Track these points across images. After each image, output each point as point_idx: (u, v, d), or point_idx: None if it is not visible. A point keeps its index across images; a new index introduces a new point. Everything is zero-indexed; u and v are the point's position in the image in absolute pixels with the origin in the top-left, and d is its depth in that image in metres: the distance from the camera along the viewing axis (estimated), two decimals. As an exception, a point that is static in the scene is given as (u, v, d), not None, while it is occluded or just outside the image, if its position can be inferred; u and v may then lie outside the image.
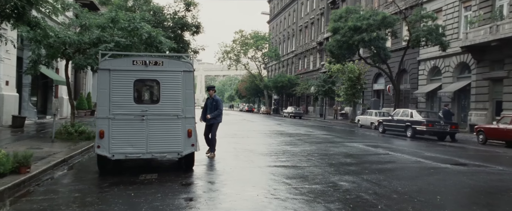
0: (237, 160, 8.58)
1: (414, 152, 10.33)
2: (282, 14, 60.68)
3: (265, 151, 10.21)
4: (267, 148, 10.95)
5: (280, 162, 8.45)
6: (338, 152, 10.09)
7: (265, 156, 9.26)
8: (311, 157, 9.14)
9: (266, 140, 13.44)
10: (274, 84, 47.65)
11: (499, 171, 7.64)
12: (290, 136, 14.92)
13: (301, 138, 14.45)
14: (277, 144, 12.07)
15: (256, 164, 8.21)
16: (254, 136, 15.16)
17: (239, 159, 8.83)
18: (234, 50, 57.49)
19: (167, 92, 6.90)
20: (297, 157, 9.05)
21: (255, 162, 8.36)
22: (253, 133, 16.59)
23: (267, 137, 14.68)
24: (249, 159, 8.76)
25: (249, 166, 7.92)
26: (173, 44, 13.96)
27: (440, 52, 25.09)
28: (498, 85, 21.51)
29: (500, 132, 14.96)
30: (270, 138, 14.49)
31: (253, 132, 17.53)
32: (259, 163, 8.36)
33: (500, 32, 19.62)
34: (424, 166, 7.95)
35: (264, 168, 7.70)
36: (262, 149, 10.48)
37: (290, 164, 8.12)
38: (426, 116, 17.09)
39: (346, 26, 23.16)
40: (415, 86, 28.54)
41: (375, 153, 10.01)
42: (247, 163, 8.23)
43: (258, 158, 8.93)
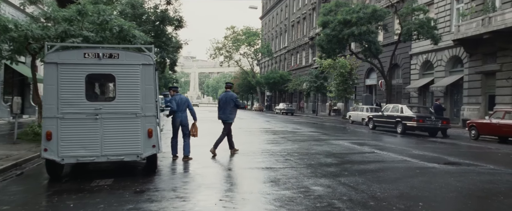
0: (211, 161, 7.93)
1: (402, 150, 9.73)
2: (274, 10, 59.93)
3: (244, 150, 9.56)
4: (248, 147, 10.30)
5: (256, 163, 7.81)
6: (320, 151, 9.47)
7: (243, 156, 8.61)
8: (290, 157, 8.50)
9: (249, 139, 12.80)
10: (266, 81, 47.01)
11: (490, 170, 7.04)
12: (275, 134, 14.29)
13: (286, 135, 13.82)
14: (259, 143, 11.43)
15: (229, 165, 7.57)
16: (238, 134, 14.46)
17: (215, 159, 8.18)
18: (226, 46, 56.73)
19: (124, 88, 6.21)
20: (275, 157, 8.41)
21: (230, 163, 7.72)
22: (238, 131, 15.91)
23: (251, 135, 14.04)
24: (225, 160, 8.11)
25: (221, 168, 7.28)
26: (149, 38, 13.24)
27: (432, 46, 24.56)
28: (490, 79, 21.01)
29: (493, 127, 14.42)
30: (254, 136, 13.85)
31: (239, 130, 16.84)
32: (234, 164, 7.73)
33: (492, 24, 19.07)
34: (410, 166, 7.33)
35: (237, 170, 7.06)
36: (241, 148, 9.82)
37: (266, 165, 7.48)
38: (417, 111, 16.53)
39: (335, 20, 22.53)
40: (408, 81, 28.02)
41: (360, 151, 9.39)
42: (221, 165, 7.59)
43: (235, 159, 8.29)
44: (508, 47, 19.41)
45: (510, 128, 13.60)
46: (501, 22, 18.54)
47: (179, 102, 8.16)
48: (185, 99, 8.28)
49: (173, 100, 8.17)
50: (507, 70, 19.53)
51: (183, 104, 8.16)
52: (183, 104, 8.17)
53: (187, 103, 8.23)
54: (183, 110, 8.16)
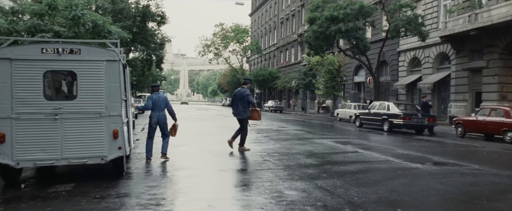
0: (187, 162, 7.55)
1: (386, 149, 9.45)
2: (263, 7, 59.49)
3: (223, 150, 9.19)
4: (228, 147, 9.92)
5: (233, 164, 7.44)
6: (302, 150, 9.13)
7: (220, 156, 8.24)
8: (269, 157, 8.15)
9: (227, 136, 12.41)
10: (255, 78, 46.59)
11: (474, 170, 6.77)
12: (259, 133, 13.93)
13: (270, 134, 13.48)
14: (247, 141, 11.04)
15: (205, 167, 7.19)
16: (221, 133, 14.10)
17: (191, 160, 7.81)
18: (215, 43, 56.11)
19: (86, 86, 5.77)
20: (253, 158, 8.05)
21: (205, 165, 7.35)
22: (222, 130, 15.55)
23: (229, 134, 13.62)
24: (201, 161, 7.73)
25: (194, 170, 6.88)
26: (128, 34, 12.76)
27: (420, 43, 24.44)
28: (477, 76, 20.93)
29: (479, 124, 14.27)
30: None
31: (223, 128, 16.49)
32: (210, 165, 7.35)
33: (479, 20, 18.96)
34: (392, 166, 7.03)
35: (210, 172, 6.68)
36: (221, 148, 9.44)
37: (242, 166, 7.12)
38: (403, 109, 16.33)
39: (322, 16, 22.20)
40: (396, 78, 27.90)
41: (343, 151, 9.08)
42: (196, 166, 7.21)
43: (211, 160, 7.92)
44: (494, 44, 19.33)
45: (496, 125, 13.46)
46: (487, 19, 18.42)
47: (156, 101, 7.83)
48: (163, 98, 7.92)
49: (150, 99, 7.90)
50: (493, 67, 19.45)
51: (160, 103, 7.83)
52: (161, 103, 7.83)
53: (165, 102, 7.90)
54: (160, 109, 7.83)
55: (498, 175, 6.37)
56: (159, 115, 7.83)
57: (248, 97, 8.94)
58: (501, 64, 19.21)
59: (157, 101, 7.82)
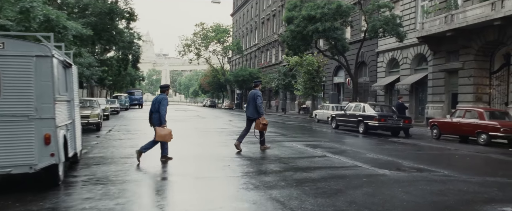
0: (143, 167, 6.89)
1: (356, 153, 9.00)
2: (245, 7, 58.95)
3: (184, 154, 8.59)
4: (191, 150, 9.33)
5: (190, 170, 6.85)
6: (268, 155, 8.60)
7: (179, 160, 7.61)
8: (231, 162, 7.59)
9: (200, 140, 11.82)
10: (235, 79, 46.01)
11: (443, 177, 6.37)
12: (230, 135, 13.36)
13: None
14: (207, 145, 10.47)
15: (156, 173, 6.56)
16: (191, 135, 13.48)
17: (143, 164, 7.14)
18: (195, 43, 55.26)
19: (11, 84, 5.07)
20: (215, 163, 7.48)
21: (154, 171, 6.71)
22: (193, 131, 14.92)
23: (204, 137, 13.04)
24: (152, 166, 7.08)
25: (145, 176, 6.26)
26: (88, 31, 11.97)
27: (398, 43, 24.35)
28: (453, 77, 20.91)
29: (453, 126, 14.07)
30: (206, 137, 12.86)
31: (194, 130, 15.85)
32: (164, 171, 6.73)
33: (454, 21, 18.89)
34: (358, 173, 6.56)
35: (160, 180, 6.07)
36: (183, 151, 8.84)
37: (198, 174, 6.53)
38: (379, 110, 16.03)
39: (300, 16, 21.80)
40: (375, 79, 27.79)
41: (310, 155, 8.59)
42: (147, 172, 6.58)
43: (169, 165, 7.29)
44: (469, 45, 19.30)
45: (470, 127, 13.27)
46: (462, 20, 18.36)
47: (153, 102, 7.84)
48: (158, 100, 7.73)
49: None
50: (469, 68, 19.42)
51: (155, 105, 7.75)
52: (155, 104, 7.74)
53: (158, 104, 7.66)
54: (155, 110, 7.72)
55: (467, 182, 5.98)
56: (154, 117, 7.73)
57: (257, 99, 9.09)
58: (476, 65, 19.20)
59: (154, 102, 7.80)
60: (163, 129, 7.48)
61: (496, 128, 12.38)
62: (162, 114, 7.55)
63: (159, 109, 7.58)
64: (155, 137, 7.49)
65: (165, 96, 7.81)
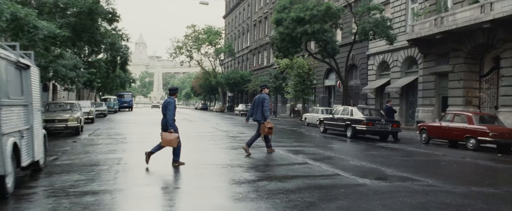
0: (111, 176, 6.42)
1: (339, 160, 8.61)
2: (237, 9, 58.61)
3: (159, 161, 8.12)
4: (167, 157, 8.85)
5: (156, 180, 6.40)
6: (246, 162, 8.18)
7: (149, 169, 7.15)
8: (204, 170, 7.15)
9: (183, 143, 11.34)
10: (226, 81, 45.57)
11: (426, 187, 5.98)
12: (212, 140, 12.93)
13: (223, 141, 12.47)
14: (185, 151, 9.98)
15: (115, 184, 6.07)
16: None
17: (115, 173, 6.66)
18: (186, 45, 54.78)
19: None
20: (188, 171, 7.05)
21: (118, 181, 6.23)
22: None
23: (183, 142, 12.53)
24: (125, 175, 6.61)
25: (105, 185, 5.79)
26: (62, 31, 11.47)
27: (388, 46, 24.10)
28: (444, 80, 20.67)
29: (443, 130, 13.76)
30: (186, 142, 12.34)
31: (186, 134, 15.26)
32: (129, 180, 6.26)
33: (444, 24, 18.65)
34: (337, 183, 6.16)
35: (115, 190, 5.60)
36: (160, 158, 8.37)
37: (164, 183, 6.08)
38: (368, 114, 15.68)
39: (289, 18, 21.45)
40: (365, 81, 27.52)
41: (291, 162, 8.18)
42: (111, 181, 6.10)
43: (137, 174, 6.84)
44: (459, 48, 19.07)
45: (460, 131, 12.95)
46: (452, 23, 18.13)
47: (162, 106, 7.70)
48: (165, 103, 7.61)
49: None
50: (459, 72, 19.19)
51: (163, 108, 7.64)
52: (163, 108, 7.63)
53: (165, 108, 7.54)
54: (164, 113, 7.60)
55: (451, 193, 5.60)
56: (162, 121, 7.63)
57: (263, 103, 9.22)
58: (466, 68, 18.98)
59: (162, 107, 7.68)
60: (170, 134, 7.32)
61: (485, 133, 12.08)
62: (169, 119, 7.38)
63: (165, 113, 7.46)
64: (161, 142, 7.37)
65: (172, 100, 7.62)
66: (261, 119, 9.24)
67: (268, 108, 9.35)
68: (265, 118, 9.20)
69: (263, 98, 9.29)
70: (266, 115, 9.21)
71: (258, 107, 9.33)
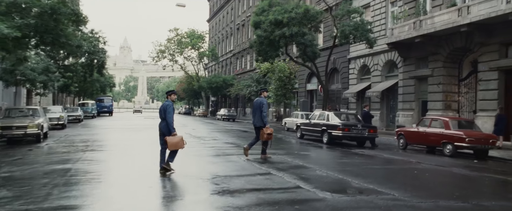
0: (29, 193, 5.70)
1: (305, 170, 8.05)
2: (220, 13, 58.06)
3: (111, 171, 7.44)
4: (117, 165, 8.19)
5: (99, 194, 5.72)
6: (204, 173, 7.55)
7: (95, 182, 6.46)
8: (157, 184, 6.52)
9: (141, 152, 10.66)
10: (208, 85, 44.85)
11: (391, 201, 5.46)
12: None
13: (189, 149, 11.78)
14: (141, 160, 9.33)
15: (32, 205, 5.37)
16: (137, 146, 12.29)
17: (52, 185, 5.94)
18: (169, 49, 53.90)
19: None
20: (138, 184, 6.39)
21: (33, 202, 5.52)
22: (142, 143, 13.71)
23: (149, 147, 11.83)
24: (42, 194, 5.88)
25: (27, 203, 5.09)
26: (13, 31, 10.68)
27: (369, 50, 23.84)
28: (423, 84, 20.45)
29: (420, 135, 13.37)
30: (153, 150, 11.68)
31: (145, 141, 14.57)
32: (42, 194, 5.56)
33: (423, 27, 18.44)
34: (293, 198, 5.57)
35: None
36: (110, 165, 7.69)
37: (92, 200, 5.40)
38: (345, 119, 15.23)
39: (267, 20, 20.96)
40: (347, 85, 27.21)
41: (252, 173, 7.59)
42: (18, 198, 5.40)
43: (58, 193, 6.10)
44: (438, 51, 18.87)
45: (437, 136, 12.58)
46: (431, 26, 17.91)
47: (160, 109, 7.57)
48: (164, 106, 7.49)
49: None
50: (438, 75, 18.97)
51: (161, 112, 7.51)
52: (161, 112, 7.50)
53: (164, 112, 7.41)
54: (162, 118, 7.50)
55: (415, 208, 5.08)
56: (161, 125, 7.51)
57: (262, 107, 9.05)
58: (445, 72, 18.76)
59: (160, 110, 7.54)
60: (174, 137, 7.28)
61: (461, 138, 11.71)
62: (169, 122, 7.32)
63: (165, 117, 7.32)
64: (167, 146, 7.23)
65: (170, 103, 7.51)
66: (260, 124, 9.05)
67: (267, 113, 9.14)
68: (264, 123, 8.97)
69: (260, 103, 9.08)
70: (265, 120, 8.99)
71: (256, 111, 9.13)
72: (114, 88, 68.27)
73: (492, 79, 16.04)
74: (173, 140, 7.21)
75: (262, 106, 9.02)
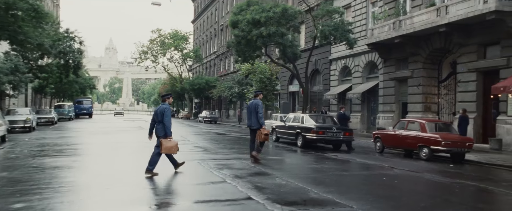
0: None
1: (266, 177, 7.41)
2: (205, 14, 57.29)
3: (26, 181, 6.68)
4: (80, 174, 7.43)
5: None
6: (150, 179, 6.85)
7: (40, 188, 5.71)
8: (81, 198, 5.79)
9: (103, 159, 9.90)
10: (191, 87, 43.99)
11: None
12: (142, 151, 11.50)
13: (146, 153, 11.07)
14: (106, 165, 8.57)
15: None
16: (90, 154, 11.51)
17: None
18: (152, 50, 52.86)
19: None
20: (76, 195, 5.64)
21: None
22: (108, 147, 12.92)
23: (112, 154, 11.09)
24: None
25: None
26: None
27: (350, 51, 23.45)
28: (403, 85, 20.08)
29: (397, 138, 12.88)
30: (114, 156, 10.93)
31: (113, 144, 13.80)
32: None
33: (402, 28, 18.05)
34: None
35: None
36: (60, 174, 6.94)
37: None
38: (321, 121, 14.68)
39: (244, 20, 20.36)
40: (328, 87, 26.76)
41: (206, 181, 6.91)
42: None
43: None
44: (418, 52, 18.51)
45: (413, 139, 12.09)
46: (410, 26, 17.53)
47: (156, 112, 7.50)
48: (161, 109, 7.39)
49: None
50: (417, 77, 18.61)
51: (157, 115, 7.39)
52: (158, 115, 7.38)
53: (162, 115, 7.33)
54: (158, 121, 7.40)
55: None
56: (157, 128, 7.44)
57: (257, 108, 9.19)
58: (425, 74, 18.41)
59: (156, 113, 7.45)
60: (169, 140, 7.25)
61: (437, 141, 11.25)
62: (167, 126, 7.27)
63: (163, 120, 7.26)
64: (161, 149, 7.17)
65: (167, 106, 7.49)
66: (256, 126, 9.21)
67: (262, 114, 9.33)
68: (260, 125, 9.14)
69: (256, 105, 9.27)
70: (261, 121, 9.18)
71: (251, 113, 9.33)
72: (96, 90, 66.74)
73: (470, 81, 15.71)
74: (168, 143, 7.21)
75: (258, 107, 9.20)
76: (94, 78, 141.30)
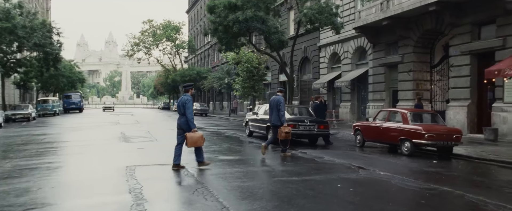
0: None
1: (227, 178, 6.04)
2: (198, 3, 55.59)
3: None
4: (49, 177, 6.13)
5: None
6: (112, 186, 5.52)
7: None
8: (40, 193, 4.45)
9: (82, 157, 8.60)
10: (181, 78, 42.66)
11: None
12: (126, 145, 10.19)
13: (126, 154, 9.75)
14: (79, 166, 7.26)
15: None
16: (47, 154, 10.21)
17: None
18: (144, 42, 51.48)
19: None
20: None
21: None
22: (96, 143, 11.62)
23: (100, 153, 9.77)
24: None
25: None
26: None
27: (338, 36, 21.88)
28: (394, 72, 18.49)
29: (377, 131, 11.40)
30: (102, 154, 9.62)
31: (101, 141, 12.45)
32: None
33: (390, 8, 16.41)
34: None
35: None
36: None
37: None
38: (297, 113, 13.26)
39: (221, 4, 18.82)
40: (318, 75, 25.23)
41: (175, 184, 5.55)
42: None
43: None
44: (408, 35, 16.88)
45: (394, 132, 10.60)
46: (398, 6, 15.88)
47: (178, 104, 7.26)
48: (183, 101, 7.10)
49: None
50: (408, 62, 17.01)
51: (179, 107, 7.19)
52: (180, 107, 7.16)
53: (184, 106, 7.08)
54: (181, 113, 7.20)
55: None
56: (180, 120, 7.26)
57: (279, 106, 9.11)
58: (415, 58, 16.81)
59: (178, 105, 7.23)
60: (194, 133, 6.99)
61: (420, 134, 9.77)
62: (189, 118, 7.04)
63: (185, 112, 7.02)
64: (187, 143, 6.96)
65: (189, 97, 7.15)
66: (277, 123, 9.11)
67: (284, 111, 9.20)
68: (281, 122, 9.04)
69: (278, 101, 9.15)
70: (283, 119, 9.08)
71: (273, 110, 9.22)
72: (95, 84, 65.73)
73: (464, 65, 14.12)
74: (194, 136, 6.94)
75: (280, 104, 9.09)
76: (94, 72, 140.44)
